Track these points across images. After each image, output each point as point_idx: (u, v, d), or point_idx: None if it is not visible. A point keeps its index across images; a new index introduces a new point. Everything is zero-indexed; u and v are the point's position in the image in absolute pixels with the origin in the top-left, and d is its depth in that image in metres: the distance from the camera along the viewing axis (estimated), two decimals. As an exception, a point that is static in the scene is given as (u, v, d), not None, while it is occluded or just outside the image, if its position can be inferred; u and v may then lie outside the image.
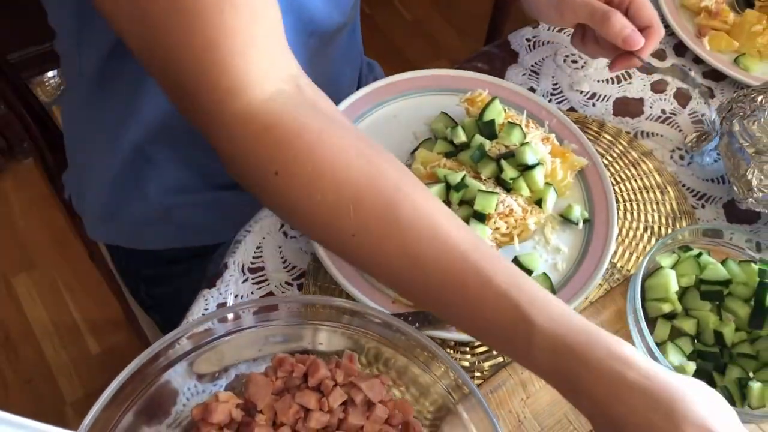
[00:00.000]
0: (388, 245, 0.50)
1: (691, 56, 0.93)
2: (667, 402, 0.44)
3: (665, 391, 0.44)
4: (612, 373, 0.45)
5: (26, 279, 1.74)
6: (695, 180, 0.83)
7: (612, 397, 0.45)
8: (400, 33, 2.22)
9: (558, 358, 0.47)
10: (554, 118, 0.82)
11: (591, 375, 0.46)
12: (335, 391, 0.57)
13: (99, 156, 0.85)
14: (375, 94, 0.82)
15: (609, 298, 0.72)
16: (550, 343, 0.47)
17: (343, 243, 0.52)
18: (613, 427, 0.45)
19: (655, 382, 0.45)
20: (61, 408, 1.57)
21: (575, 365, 0.46)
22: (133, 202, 0.86)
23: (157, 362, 0.55)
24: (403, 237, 0.49)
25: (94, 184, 0.88)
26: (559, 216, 0.76)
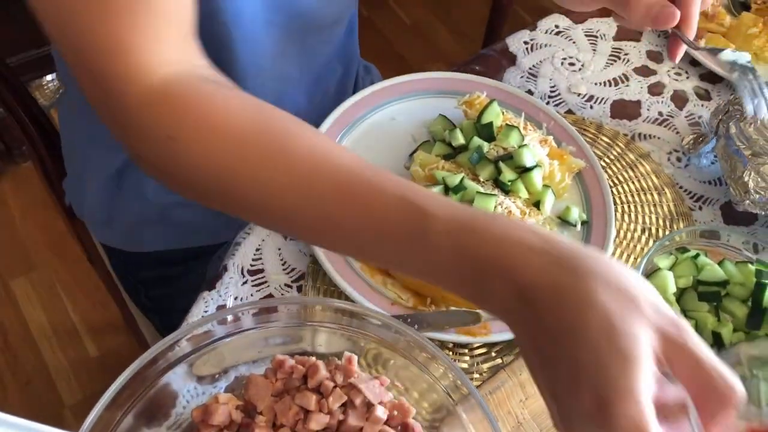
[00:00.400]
0: (281, 181, 0.50)
1: (687, 58, 0.94)
2: (575, 261, 0.42)
3: (573, 253, 0.42)
4: (515, 237, 0.43)
5: (25, 282, 1.74)
6: (692, 182, 0.83)
7: (519, 261, 0.43)
8: (398, 36, 2.23)
9: (457, 237, 0.45)
10: (552, 120, 0.82)
11: (494, 242, 0.43)
12: (335, 393, 0.57)
13: (96, 158, 0.85)
14: (373, 97, 0.83)
15: (607, 300, 0.72)
16: (445, 224, 0.45)
17: (241, 195, 0.52)
18: (524, 300, 0.42)
19: (561, 244, 0.43)
20: (60, 411, 1.57)
21: (476, 239, 0.44)
22: (130, 204, 0.86)
23: (157, 364, 0.56)
24: (294, 170, 0.50)
25: (92, 186, 0.88)
26: (557, 218, 0.76)
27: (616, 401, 0.38)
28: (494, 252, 0.43)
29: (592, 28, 0.96)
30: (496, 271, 0.43)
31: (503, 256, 0.43)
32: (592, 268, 0.42)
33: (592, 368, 0.40)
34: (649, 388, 0.39)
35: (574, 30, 0.96)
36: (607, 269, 0.42)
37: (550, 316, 0.41)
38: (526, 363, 0.45)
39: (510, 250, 0.43)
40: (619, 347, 0.39)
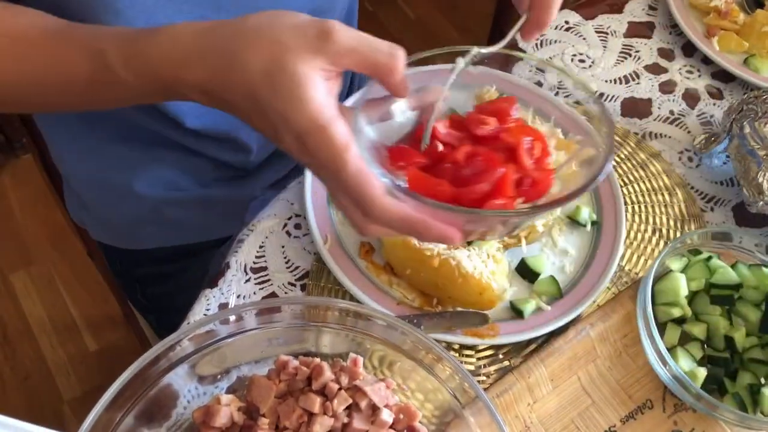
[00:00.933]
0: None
1: (699, 56, 0.92)
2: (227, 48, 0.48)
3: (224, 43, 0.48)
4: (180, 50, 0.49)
5: (24, 276, 1.73)
6: (704, 182, 0.82)
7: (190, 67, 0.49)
8: (402, 31, 2.21)
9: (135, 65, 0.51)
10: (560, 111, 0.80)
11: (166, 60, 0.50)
12: (339, 395, 0.56)
13: (79, 163, 0.84)
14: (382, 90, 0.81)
15: (617, 302, 0.71)
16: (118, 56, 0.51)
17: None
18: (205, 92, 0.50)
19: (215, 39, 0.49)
20: (59, 406, 1.56)
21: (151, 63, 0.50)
22: (120, 204, 0.84)
23: (158, 364, 0.54)
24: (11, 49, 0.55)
25: (80, 189, 0.87)
26: (567, 218, 0.75)
27: (306, 132, 0.46)
28: (169, 69, 0.50)
29: (602, 24, 0.95)
30: (176, 82, 0.50)
31: (177, 68, 0.50)
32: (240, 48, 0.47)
33: (273, 118, 0.47)
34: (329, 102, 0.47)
35: (584, 26, 0.94)
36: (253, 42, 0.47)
37: (228, 96, 0.49)
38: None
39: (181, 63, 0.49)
40: (278, 87, 0.46)
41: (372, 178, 0.48)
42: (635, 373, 0.68)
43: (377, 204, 0.48)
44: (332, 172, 0.48)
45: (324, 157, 0.47)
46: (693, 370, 0.65)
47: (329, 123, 0.46)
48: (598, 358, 0.68)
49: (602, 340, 0.69)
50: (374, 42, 0.48)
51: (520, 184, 0.53)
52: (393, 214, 0.48)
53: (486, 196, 0.51)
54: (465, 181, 0.52)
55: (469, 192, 0.51)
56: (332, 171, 0.48)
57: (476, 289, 0.65)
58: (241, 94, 0.48)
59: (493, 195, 0.51)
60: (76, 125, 0.80)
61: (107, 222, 0.89)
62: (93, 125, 0.78)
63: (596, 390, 0.67)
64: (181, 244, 0.88)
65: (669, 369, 0.64)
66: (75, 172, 0.85)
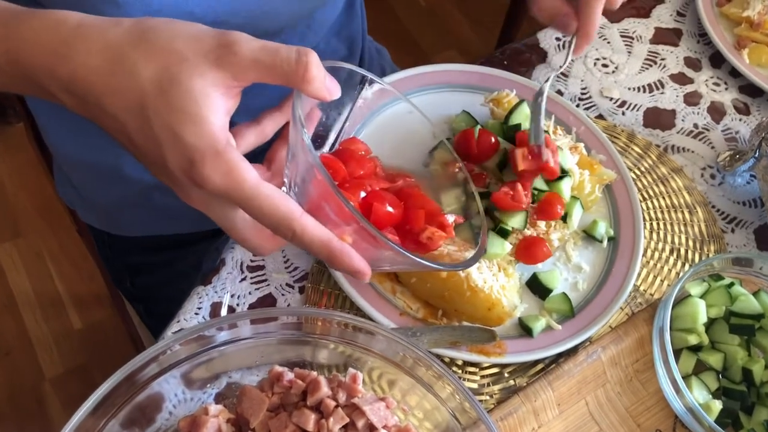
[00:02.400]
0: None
1: (727, 68, 0.88)
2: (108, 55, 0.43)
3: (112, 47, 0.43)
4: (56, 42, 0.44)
5: (11, 247, 1.68)
6: (726, 202, 0.78)
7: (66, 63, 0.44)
8: (412, 19, 2.15)
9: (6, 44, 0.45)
10: (582, 125, 0.77)
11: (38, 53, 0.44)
12: (336, 413, 0.52)
13: (69, 145, 0.79)
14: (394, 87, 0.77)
15: (631, 325, 0.67)
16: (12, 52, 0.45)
17: None
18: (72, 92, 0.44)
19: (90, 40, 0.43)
20: (39, 384, 1.52)
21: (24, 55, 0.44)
22: (108, 187, 0.80)
23: (146, 370, 0.50)
24: None
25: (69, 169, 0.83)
26: (583, 232, 0.71)
27: (201, 157, 0.42)
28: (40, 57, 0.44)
29: (628, 28, 0.90)
30: (46, 74, 0.44)
31: (50, 56, 0.44)
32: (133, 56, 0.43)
33: (161, 134, 0.42)
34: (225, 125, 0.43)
35: (609, 29, 0.90)
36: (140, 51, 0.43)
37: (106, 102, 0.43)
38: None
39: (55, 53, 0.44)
40: (171, 101, 0.42)
41: (288, 199, 0.44)
42: (645, 401, 0.65)
43: (298, 223, 0.44)
44: (237, 199, 0.43)
45: (221, 184, 0.42)
46: (708, 402, 0.62)
47: (226, 149, 0.42)
48: (607, 383, 0.65)
49: (613, 364, 0.65)
50: (279, 50, 0.43)
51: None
52: (315, 236, 0.45)
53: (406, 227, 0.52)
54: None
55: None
56: (237, 198, 0.43)
57: (485, 304, 0.62)
58: (125, 103, 0.43)
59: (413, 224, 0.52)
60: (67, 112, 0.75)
61: (95, 204, 0.85)
62: None
63: (604, 417, 0.63)
64: (172, 233, 0.84)
65: (683, 399, 0.61)
66: (63, 150, 0.81)
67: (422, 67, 0.79)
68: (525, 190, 0.65)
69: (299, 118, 0.45)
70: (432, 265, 0.49)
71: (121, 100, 0.43)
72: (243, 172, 0.42)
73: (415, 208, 0.54)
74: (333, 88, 0.46)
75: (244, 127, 0.50)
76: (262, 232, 0.47)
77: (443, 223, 0.54)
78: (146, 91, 0.42)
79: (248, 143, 0.50)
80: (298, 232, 0.44)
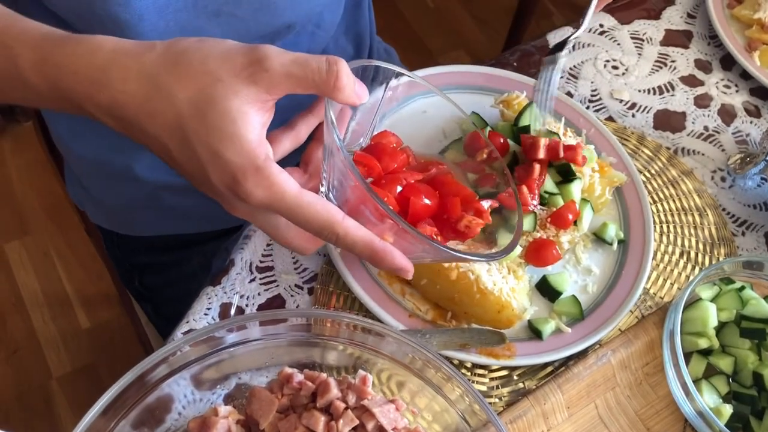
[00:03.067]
0: None
1: (738, 71, 0.88)
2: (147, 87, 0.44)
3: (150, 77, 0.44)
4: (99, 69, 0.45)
5: (19, 246, 1.69)
6: (736, 205, 0.78)
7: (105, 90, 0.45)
8: (420, 19, 2.15)
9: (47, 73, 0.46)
10: (593, 127, 0.76)
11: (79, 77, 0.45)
12: (346, 415, 0.52)
13: (80, 144, 0.79)
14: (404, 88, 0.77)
15: (641, 328, 0.67)
16: (31, 59, 0.46)
17: None
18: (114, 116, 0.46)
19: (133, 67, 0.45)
20: (47, 382, 1.53)
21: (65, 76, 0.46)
22: (119, 187, 0.80)
23: (156, 371, 0.51)
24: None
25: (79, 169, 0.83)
26: (593, 234, 0.71)
27: (242, 173, 0.43)
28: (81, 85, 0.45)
29: (638, 30, 0.90)
30: (86, 100, 0.46)
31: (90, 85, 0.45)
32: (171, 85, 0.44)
33: (203, 155, 0.44)
34: (263, 140, 0.45)
35: (619, 31, 0.90)
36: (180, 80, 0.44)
37: (147, 125, 0.45)
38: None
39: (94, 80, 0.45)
40: (210, 122, 0.43)
41: (329, 205, 0.46)
42: (655, 405, 0.64)
43: (341, 227, 0.46)
44: (280, 210, 0.45)
45: (264, 197, 0.44)
46: (718, 406, 0.61)
47: (266, 164, 0.44)
48: (617, 386, 0.64)
49: (623, 367, 0.65)
50: (310, 61, 0.45)
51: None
52: (358, 238, 0.47)
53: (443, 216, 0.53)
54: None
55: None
56: (280, 209, 0.45)
57: (495, 307, 0.62)
58: (165, 125, 0.44)
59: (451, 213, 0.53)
60: None
61: (105, 205, 0.85)
62: None
63: (614, 420, 0.63)
64: (181, 233, 0.84)
65: (693, 403, 0.60)
66: (74, 150, 0.81)
67: (432, 68, 0.79)
68: (531, 193, 0.65)
69: (332, 122, 0.46)
70: (471, 257, 0.51)
71: (160, 122, 0.44)
72: (284, 184, 0.44)
73: (450, 196, 0.54)
74: (362, 92, 0.48)
75: (279, 133, 0.51)
76: (304, 234, 0.49)
77: (479, 209, 0.55)
78: (184, 113, 0.43)
79: (284, 149, 0.51)
80: (341, 236, 0.46)
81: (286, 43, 0.75)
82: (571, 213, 0.65)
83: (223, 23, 0.67)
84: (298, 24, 0.74)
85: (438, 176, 0.57)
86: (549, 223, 0.65)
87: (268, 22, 0.70)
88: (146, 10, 0.59)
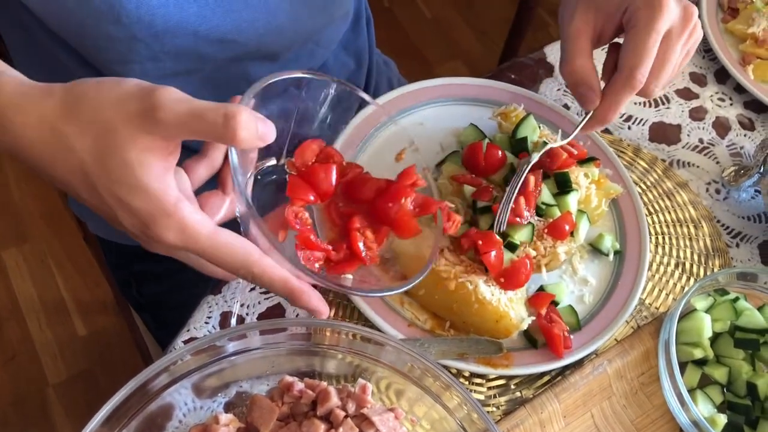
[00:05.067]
0: None
1: (732, 84, 0.89)
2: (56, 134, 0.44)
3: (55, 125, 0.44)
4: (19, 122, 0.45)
5: (16, 253, 1.69)
6: (731, 216, 0.79)
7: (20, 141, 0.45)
8: (418, 30, 2.17)
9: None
10: (589, 139, 0.77)
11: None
12: (345, 423, 0.53)
13: None
14: (402, 99, 0.78)
15: (636, 338, 0.68)
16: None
17: None
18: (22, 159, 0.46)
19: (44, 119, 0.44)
20: (43, 389, 1.52)
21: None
22: None
23: (158, 380, 0.51)
24: None
25: None
26: (589, 245, 0.72)
27: (152, 220, 0.44)
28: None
29: (634, 43, 0.91)
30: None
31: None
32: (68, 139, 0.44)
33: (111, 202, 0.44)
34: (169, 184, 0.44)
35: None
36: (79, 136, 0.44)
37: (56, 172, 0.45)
38: None
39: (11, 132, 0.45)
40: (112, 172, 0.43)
41: (245, 243, 0.46)
42: (650, 414, 0.65)
43: (257, 266, 0.47)
44: (195, 251, 0.46)
45: (178, 240, 0.45)
46: (713, 415, 0.62)
47: (176, 208, 0.44)
48: (613, 396, 0.65)
49: (619, 377, 0.66)
50: (206, 114, 0.43)
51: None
52: (276, 277, 0.48)
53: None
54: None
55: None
56: (195, 251, 0.46)
57: (493, 317, 0.62)
58: (69, 171, 0.45)
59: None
60: None
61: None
62: None
63: (610, 429, 0.64)
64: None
65: (688, 412, 0.61)
66: None
67: (430, 80, 0.80)
68: (527, 204, 0.66)
69: (234, 168, 0.46)
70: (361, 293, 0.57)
71: (65, 169, 0.44)
72: (197, 225, 0.45)
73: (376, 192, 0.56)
74: (266, 132, 0.46)
75: (193, 162, 0.51)
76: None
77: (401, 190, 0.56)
78: (86, 162, 0.44)
79: (200, 177, 0.52)
80: (258, 275, 0.47)
81: (285, 62, 0.76)
82: (567, 224, 0.66)
83: (226, 48, 0.68)
84: (297, 43, 0.75)
85: (357, 177, 0.58)
86: (546, 233, 0.66)
87: (270, 44, 0.71)
88: (142, 34, 0.60)
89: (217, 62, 0.70)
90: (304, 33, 0.73)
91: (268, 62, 0.74)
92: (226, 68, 0.71)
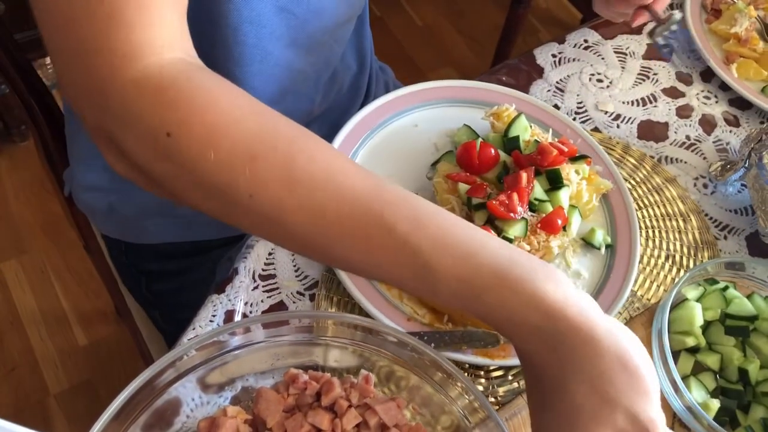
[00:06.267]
0: (287, 201, 0.46)
1: (717, 82, 0.92)
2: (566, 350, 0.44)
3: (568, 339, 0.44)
4: (518, 318, 0.45)
5: (16, 265, 1.70)
6: (718, 210, 0.81)
7: (518, 338, 0.46)
8: (409, 38, 2.20)
9: (464, 301, 0.46)
10: (579, 137, 0.80)
11: (498, 316, 0.45)
12: (349, 413, 0.55)
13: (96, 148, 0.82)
14: (397, 102, 0.80)
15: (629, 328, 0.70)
16: (453, 288, 0.46)
17: (242, 206, 0.48)
18: (528, 365, 0.47)
19: (560, 323, 0.44)
20: (45, 399, 1.53)
21: (482, 308, 0.46)
22: (131, 195, 0.83)
23: (164, 375, 0.53)
24: (301, 190, 0.46)
25: (92, 176, 0.85)
26: (581, 239, 0.74)
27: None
28: (497, 321, 0.46)
29: (621, 45, 0.94)
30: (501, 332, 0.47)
31: (507, 331, 0.46)
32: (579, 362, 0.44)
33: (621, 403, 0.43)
34: None
35: (603, 46, 0.94)
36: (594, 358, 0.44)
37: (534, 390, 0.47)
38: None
39: (510, 327, 0.45)
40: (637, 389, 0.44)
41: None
42: (645, 402, 0.67)
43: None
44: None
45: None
46: (706, 401, 0.64)
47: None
48: (608, 385, 0.67)
49: (613, 366, 0.68)
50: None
51: None
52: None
53: None
54: None
55: None
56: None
57: (490, 309, 0.64)
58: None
59: None
60: None
61: (114, 214, 0.87)
62: None
63: (605, 417, 0.65)
64: (189, 240, 0.86)
65: (682, 399, 0.63)
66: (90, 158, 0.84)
67: (425, 83, 0.82)
68: (520, 200, 0.67)
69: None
70: None
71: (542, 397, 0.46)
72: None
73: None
74: None
75: None
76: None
77: None
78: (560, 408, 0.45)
79: None
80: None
81: (310, 51, 0.78)
82: (560, 219, 0.68)
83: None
84: (328, 32, 0.77)
85: None
86: (539, 228, 0.68)
87: (311, 24, 0.73)
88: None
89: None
90: (335, 22, 0.75)
91: (295, 48, 0.75)
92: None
